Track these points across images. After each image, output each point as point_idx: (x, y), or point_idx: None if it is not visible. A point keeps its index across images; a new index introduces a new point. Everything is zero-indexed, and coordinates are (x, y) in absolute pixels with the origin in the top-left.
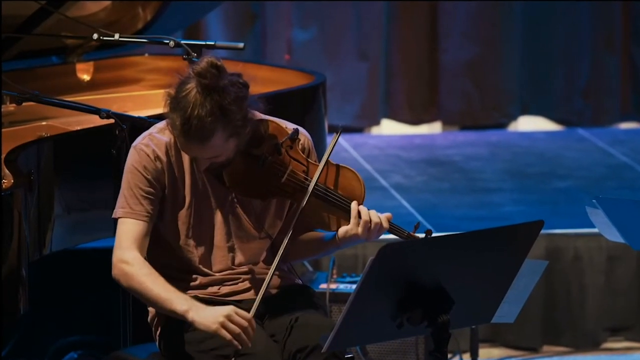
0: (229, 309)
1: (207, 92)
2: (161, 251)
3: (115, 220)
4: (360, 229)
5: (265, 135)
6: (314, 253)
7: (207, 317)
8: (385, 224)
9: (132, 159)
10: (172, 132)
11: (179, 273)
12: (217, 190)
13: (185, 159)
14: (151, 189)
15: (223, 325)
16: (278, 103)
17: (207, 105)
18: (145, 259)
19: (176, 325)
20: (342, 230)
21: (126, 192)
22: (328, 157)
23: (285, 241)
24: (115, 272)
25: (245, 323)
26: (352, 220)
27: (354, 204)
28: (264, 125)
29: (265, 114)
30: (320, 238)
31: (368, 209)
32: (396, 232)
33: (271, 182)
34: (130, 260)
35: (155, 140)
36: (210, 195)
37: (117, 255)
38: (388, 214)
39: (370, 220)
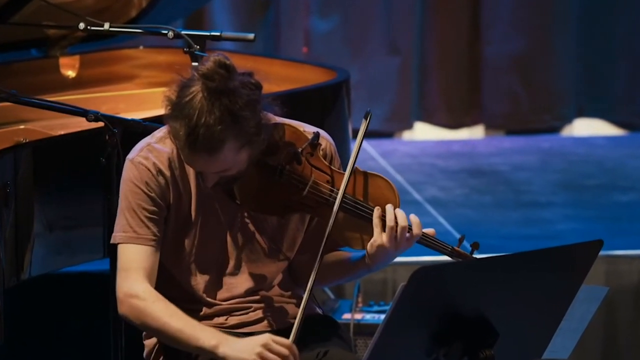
0: (266, 338)
1: (215, 96)
2: (160, 279)
3: (112, 245)
4: (385, 237)
5: (282, 142)
6: (340, 277)
7: (242, 349)
8: (416, 229)
9: (131, 174)
10: (175, 142)
11: (179, 303)
12: (226, 206)
13: (190, 172)
14: (156, 209)
15: (262, 357)
16: (294, 104)
17: (216, 111)
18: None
19: None
20: (369, 243)
21: (127, 214)
22: (356, 157)
23: (316, 268)
24: (123, 309)
25: (285, 351)
26: (375, 228)
27: (376, 211)
28: (280, 130)
29: (281, 117)
30: (346, 259)
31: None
32: (437, 246)
33: (290, 196)
34: (140, 294)
35: (155, 152)
36: (219, 212)
37: (123, 288)
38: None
39: (396, 225)
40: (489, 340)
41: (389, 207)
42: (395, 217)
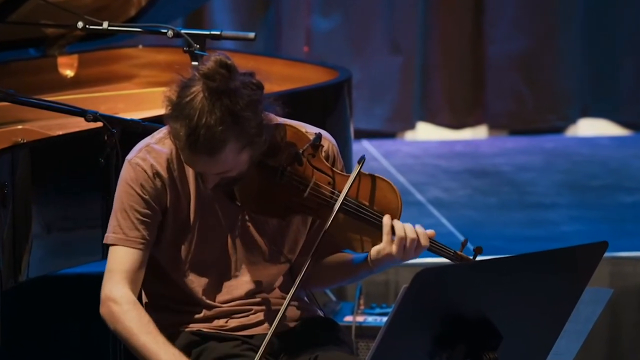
0: None
1: (216, 97)
2: (158, 280)
3: (106, 245)
4: (394, 247)
5: (283, 143)
6: (341, 279)
7: None
8: (424, 241)
9: (127, 175)
10: (175, 143)
11: (178, 305)
12: (226, 208)
13: (190, 173)
14: (149, 212)
15: None
16: (295, 104)
17: (217, 111)
18: (139, 292)
19: None
20: (375, 249)
21: (119, 215)
22: (355, 178)
23: (305, 268)
24: (102, 309)
25: None
26: (385, 237)
27: (385, 218)
28: (281, 131)
29: (282, 117)
30: (348, 261)
31: (403, 223)
32: (440, 251)
33: (291, 197)
34: (118, 299)
35: (153, 153)
36: (219, 214)
37: (105, 290)
38: (430, 231)
39: (406, 236)
40: (493, 342)
41: (397, 221)
42: (405, 229)
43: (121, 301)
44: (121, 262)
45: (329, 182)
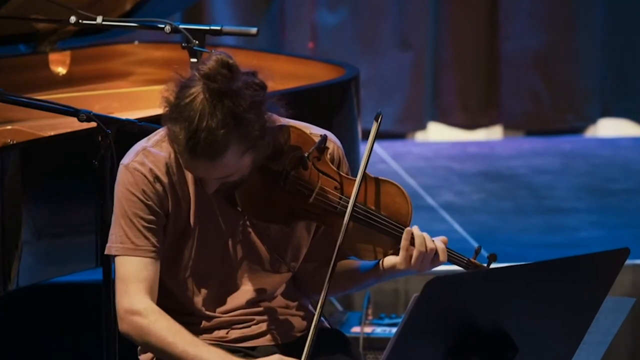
0: (275, 359)
1: (218, 98)
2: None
3: (107, 256)
4: (413, 261)
5: (287, 146)
6: (347, 287)
7: None
8: (443, 255)
9: (126, 181)
10: (173, 147)
11: (176, 315)
12: (227, 214)
13: (189, 177)
14: (154, 218)
15: None
16: (299, 102)
17: (218, 114)
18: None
19: None
20: (389, 261)
21: (124, 223)
22: (367, 163)
23: (327, 281)
24: (124, 326)
25: None
26: (403, 249)
27: (406, 232)
28: (285, 133)
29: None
30: (355, 268)
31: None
32: (453, 259)
33: (295, 203)
34: (142, 311)
35: (151, 157)
36: (219, 220)
37: (123, 305)
38: (443, 238)
39: (425, 249)
40: (508, 355)
41: (416, 231)
42: (424, 241)
43: (146, 313)
44: (135, 272)
45: (335, 187)
